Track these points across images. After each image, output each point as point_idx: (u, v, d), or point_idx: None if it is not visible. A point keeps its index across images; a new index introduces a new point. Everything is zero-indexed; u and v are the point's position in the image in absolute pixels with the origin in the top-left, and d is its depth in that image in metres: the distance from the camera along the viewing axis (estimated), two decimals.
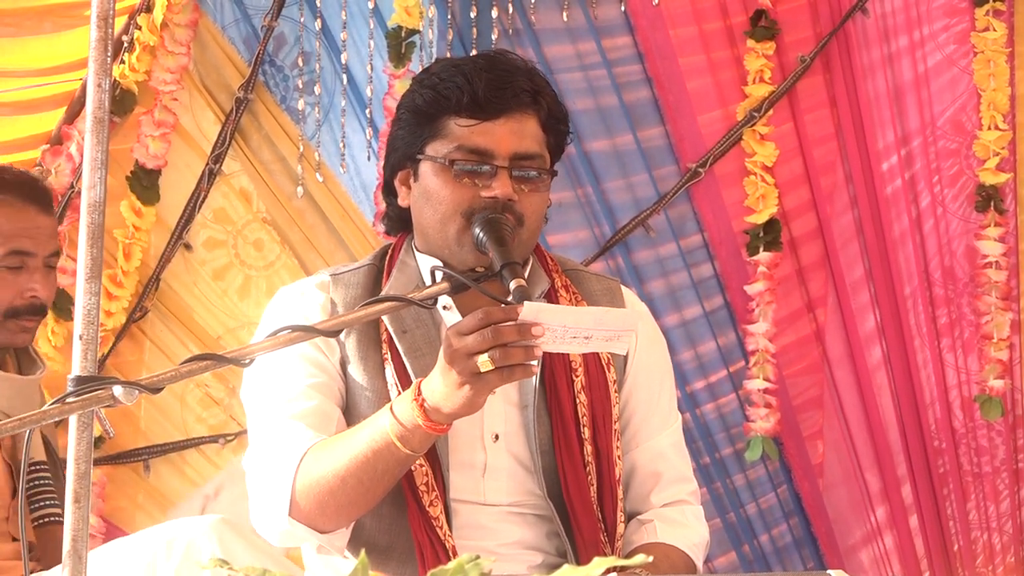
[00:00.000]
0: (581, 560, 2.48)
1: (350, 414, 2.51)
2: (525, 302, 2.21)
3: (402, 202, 2.57)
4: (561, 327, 2.20)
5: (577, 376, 2.53)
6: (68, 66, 4.08)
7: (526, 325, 2.18)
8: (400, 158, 2.56)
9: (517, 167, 2.47)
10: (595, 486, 2.50)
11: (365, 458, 2.33)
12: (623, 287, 2.71)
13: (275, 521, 2.42)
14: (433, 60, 3.85)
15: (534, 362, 2.22)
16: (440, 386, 2.25)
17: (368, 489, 2.36)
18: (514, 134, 2.48)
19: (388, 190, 2.61)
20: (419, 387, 2.29)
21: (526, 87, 2.50)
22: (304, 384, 2.49)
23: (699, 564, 2.58)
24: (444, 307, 2.53)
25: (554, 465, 2.50)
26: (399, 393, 2.43)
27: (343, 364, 2.53)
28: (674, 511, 2.60)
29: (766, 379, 4.24)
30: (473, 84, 2.46)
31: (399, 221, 2.62)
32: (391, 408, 2.33)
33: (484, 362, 2.20)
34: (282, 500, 2.40)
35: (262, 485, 2.45)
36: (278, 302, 2.60)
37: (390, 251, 2.63)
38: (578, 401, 2.51)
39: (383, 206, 2.68)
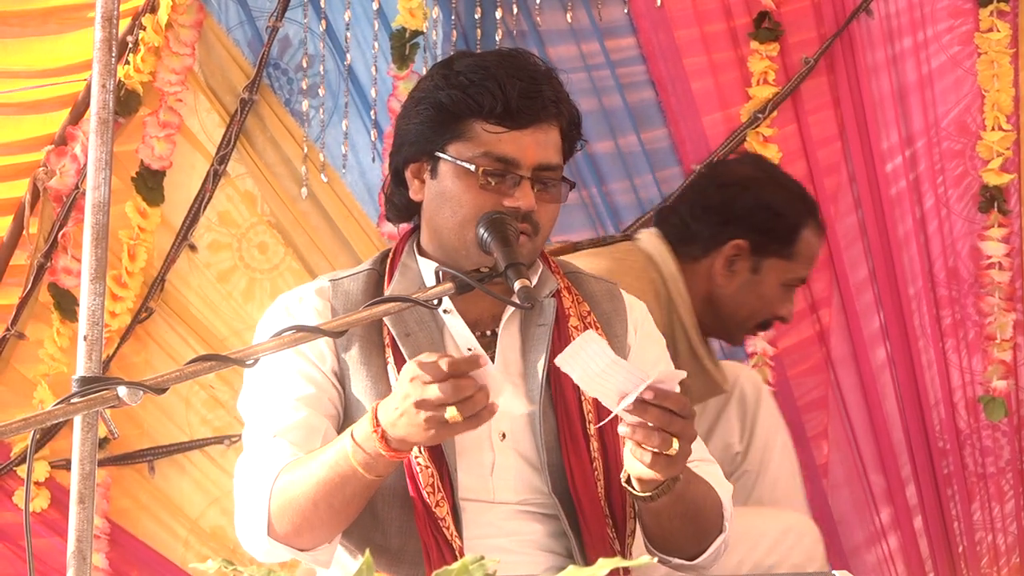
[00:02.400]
0: (588, 557, 2.49)
1: (352, 420, 2.50)
2: (587, 331, 2.24)
3: (415, 195, 2.56)
4: (597, 369, 2.22)
5: None
6: (73, 67, 4.08)
7: (485, 389, 2.19)
8: (416, 151, 2.54)
9: (539, 177, 2.48)
10: (602, 482, 2.51)
11: (332, 483, 2.33)
12: (621, 289, 2.72)
13: (256, 540, 2.43)
14: (438, 60, 3.85)
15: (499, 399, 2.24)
16: (404, 424, 2.23)
17: (338, 512, 2.37)
18: (539, 145, 2.48)
19: (397, 179, 2.60)
20: (376, 417, 2.28)
21: (552, 96, 2.50)
22: (292, 397, 2.48)
23: (728, 513, 2.57)
24: (444, 311, 2.52)
25: (561, 462, 2.50)
26: None
27: (337, 373, 2.52)
28: (700, 467, 2.59)
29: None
30: (506, 92, 2.45)
31: (405, 211, 2.62)
32: (352, 434, 2.32)
33: (454, 416, 2.19)
34: (260, 521, 2.40)
35: (244, 503, 2.46)
36: (275, 310, 2.59)
37: (391, 255, 2.62)
38: (583, 398, 2.52)
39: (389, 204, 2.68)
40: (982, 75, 4.22)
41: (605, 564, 1.33)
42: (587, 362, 2.23)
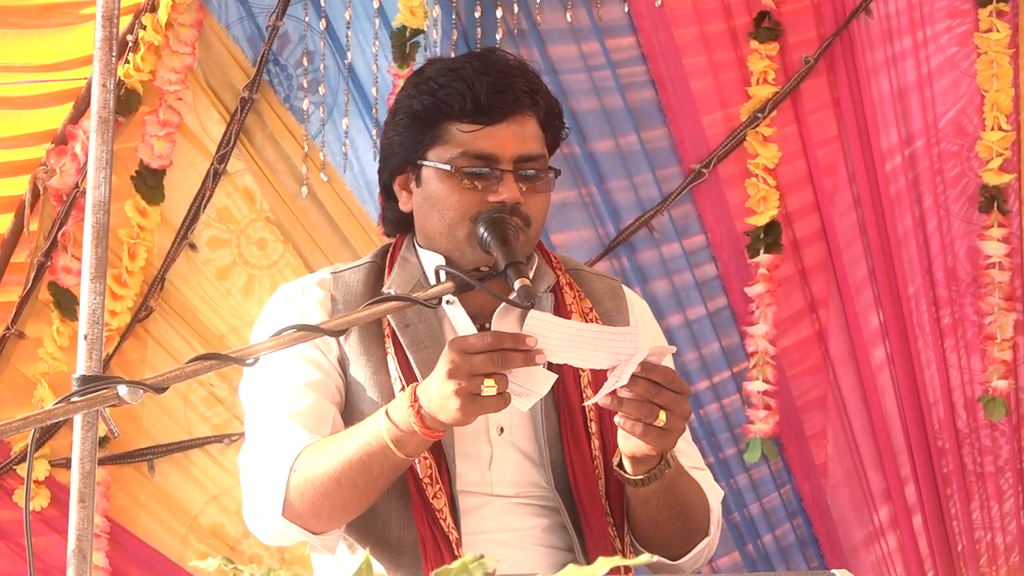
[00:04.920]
0: (589, 552, 2.50)
1: (352, 409, 2.52)
2: (531, 311, 2.23)
3: (403, 207, 2.58)
4: (563, 342, 2.23)
5: (584, 371, 2.54)
6: (73, 62, 4.08)
7: (532, 354, 2.22)
8: (399, 163, 2.56)
9: (521, 169, 2.49)
10: (603, 480, 2.52)
11: (360, 461, 2.34)
12: (624, 287, 2.72)
13: (268, 520, 2.43)
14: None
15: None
16: (437, 396, 2.26)
17: (363, 492, 2.37)
18: (517, 137, 2.49)
19: (387, 194, 2.62)
20: (415, 393, 2.30)
21: (524, 88, 2.51)
22: (300, 382, 2.50)
23: (715, 518, 2.58)
24: (447, 302, 2.54)
25: (562, 458, 2.52)
26: (403, 387, 2.45)
27: (341, 361, 2.54)
28: (693, 473, 2.61)
29: (766, 381, 4.23)
30: (474, 89, 2.47)
31: (399, 224, 2.63)
32: (387, 412, 2.34)
33: (489, 386, 2.22)
34: (276, 500, 2.40)
35: (256, 484, 2.46)
36: (278, 299, 2.61)
37: (391, 249, 2.64)
38: (585, 395, 2.53)
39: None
40: (981, 75, 4.22)
41: (605, 563, 1.33)
42: (552, 336, 2.24)
